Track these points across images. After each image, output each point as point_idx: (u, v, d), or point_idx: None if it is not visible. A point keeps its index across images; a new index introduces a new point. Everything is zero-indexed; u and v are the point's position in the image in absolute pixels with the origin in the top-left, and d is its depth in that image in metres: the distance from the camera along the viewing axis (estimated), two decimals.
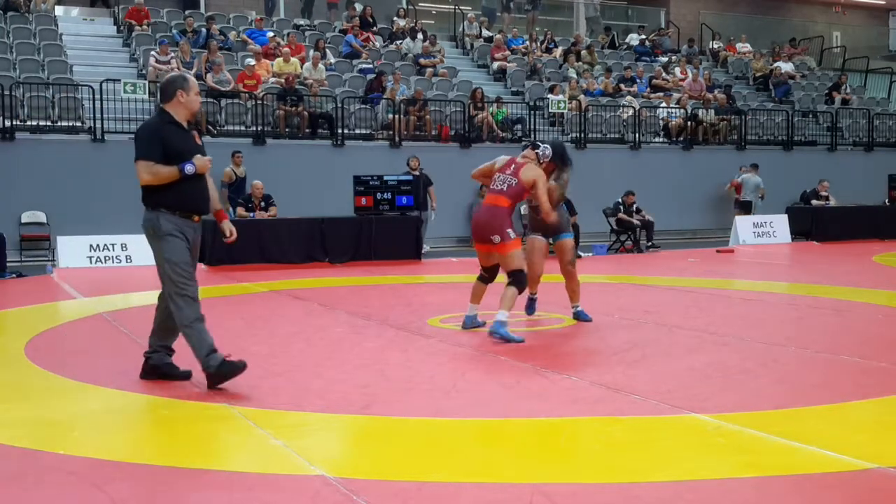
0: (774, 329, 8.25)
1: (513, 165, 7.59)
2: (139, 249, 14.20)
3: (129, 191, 15.16)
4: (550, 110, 20.21)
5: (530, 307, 8.58)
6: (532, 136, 19.45)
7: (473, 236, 7.70)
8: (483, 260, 7.75)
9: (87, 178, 15.48)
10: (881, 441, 4.51)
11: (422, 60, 21.15)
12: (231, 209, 14.94)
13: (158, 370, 5.88)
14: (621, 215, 16.87)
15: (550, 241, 8.34)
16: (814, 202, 19.69)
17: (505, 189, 7.47)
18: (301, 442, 4.46)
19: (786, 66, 25.39)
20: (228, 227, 6.35)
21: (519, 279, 7.35)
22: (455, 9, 24.27)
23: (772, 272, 13.79)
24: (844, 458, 4.15)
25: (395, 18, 23.15)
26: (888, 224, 19.73)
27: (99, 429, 4.95)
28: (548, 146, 7.91)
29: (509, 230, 7.35)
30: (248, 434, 4.72)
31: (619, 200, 17.05)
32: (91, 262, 13.85)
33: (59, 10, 21.10)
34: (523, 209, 8.10)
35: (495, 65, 22.30)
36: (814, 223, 19.02)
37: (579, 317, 8.34)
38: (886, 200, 21.24)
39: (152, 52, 17.91)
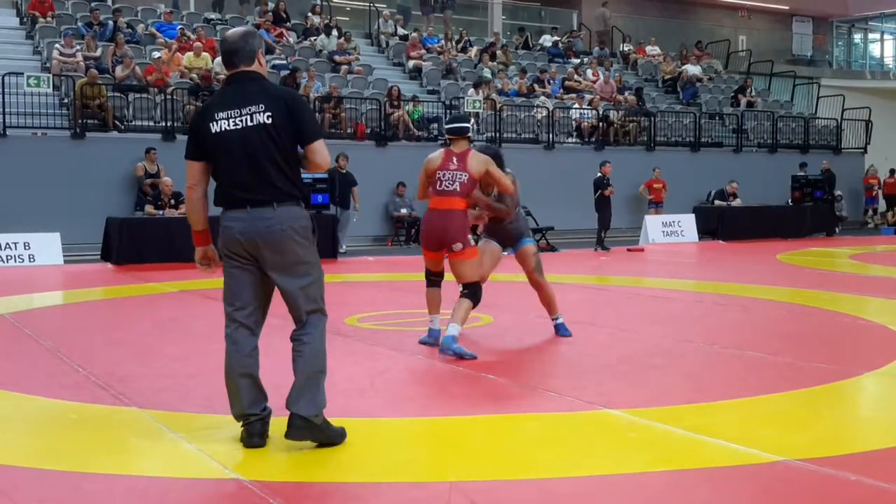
0: (683, 326, 8.45)
1: (454, 158, 6.70)
2: (42, 248, 13.81)
3: (32, 188, 14.97)
4: (466, 109, 20.29)
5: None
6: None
7: (426, 244, 6.84)
8: (433, 265, 6.99)
9: None
10: (787, 434, 4.65)
11: (336, 57, 21.01)
12: (141, 207, 14.64)
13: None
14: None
15: (506, 252, 7.48)
16: (717, 202, 20.24)
17: (458, 189, 6.63)
18: (215, 445, 4.38)
19: (693, 69, 26.03)
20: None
21: (475, 292, 6.72)
22: (370, 6, 24.18)
23: (680, 270, 14.12)
24: (752, 451, 4.27)
25: (308, 14, 22.94)
26: (791, 224, 20.44)
27: (5, 434, 4.77)
28: (466, 124, 6.92)
29: (470, 236, 6.72)
30: (160, 438, 4.62)
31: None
32: None
33: None
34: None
35: (411, 63, 22.29)
36: (720, 222, 19.56)
37: (558, 330, 7.52)
38: (789, 201, 21.99)
39: (57, 45, 17.37)
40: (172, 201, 14.30)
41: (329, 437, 4.25)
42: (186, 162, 4.33)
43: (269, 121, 4.17)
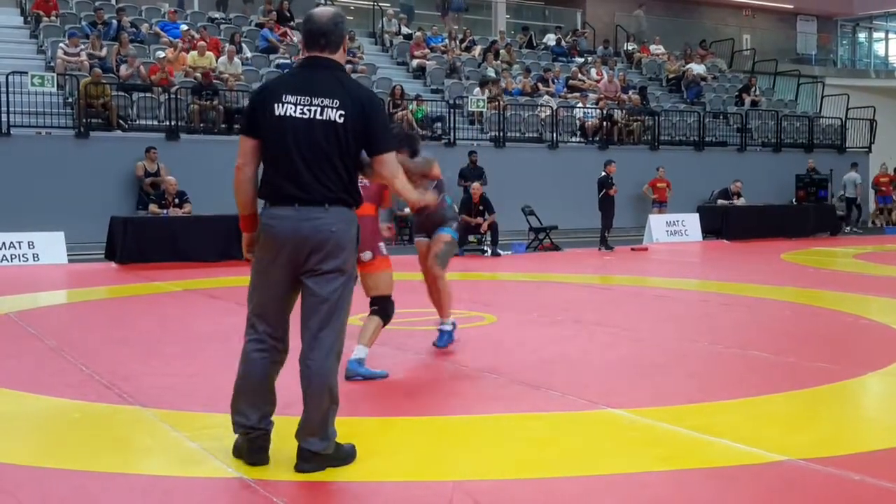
0: (686, 325, 8.44)
1: None
2: (46, 247, 13.83)
3: (36, 187, 15.00)
4: (469, 109, 20.30)
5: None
6: (452, 134, 19.50)
7: None
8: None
9: None
10: (791, 434, 4.64)
11: None
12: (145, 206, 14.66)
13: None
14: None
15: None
16: (720, 202, 20.21)
17: (365, 193, 5.83)
18: (219, 444, 4.38)
19: (697, 68, 26.01)
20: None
21: (385, 308, 6.05)
22: (374, 5, 24.18)
23: (684, 270, 14.11)
24: (756, 450, 4.27)
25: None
26: (795, 223, 20.40)
27: (7, 433, 4.77)
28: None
29: (381, 244, 6.01)
30: (164, 437, 4.62)
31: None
32: None
33: None
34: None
35: (414, 62, 22.29)
36: (724, 222, 19.53)
37: (440, 339, 6.77)
38: (794, 200, 21.96)
39: (61, 44, 17.41)
40: (176, 200, 14.31)
41: (340, 462, 4.01)
42: (240, 138, 3.96)
43: (341, 120, 3.82)
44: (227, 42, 19.55)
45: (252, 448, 4.01)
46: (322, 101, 3.82)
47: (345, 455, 4.06)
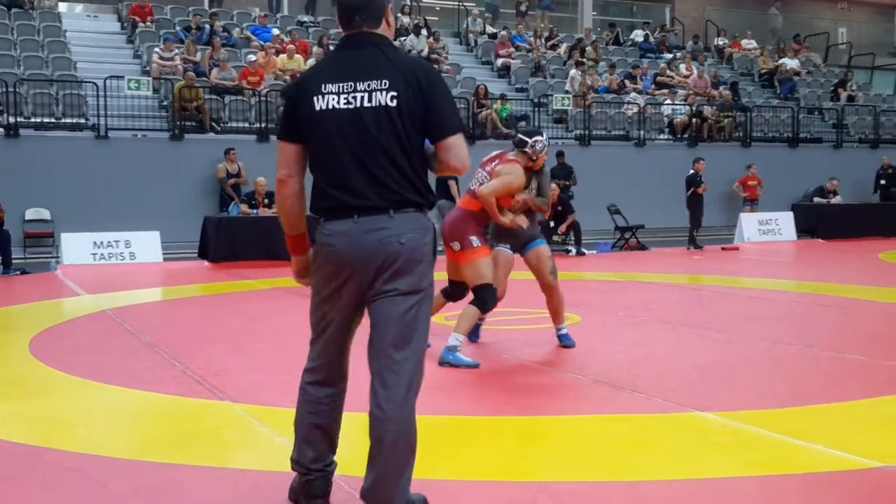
0: (779, 327, 8.22)
1: (496, 161, 6.42)
2: (142, 246, 14.26)
3: (132, 188, 15.46)
4: (555, 107, 20.17)
5: (475, 333, 6.96)
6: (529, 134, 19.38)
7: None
8: (450, 271, 6.50)
9: (91, 175, 15.46)
10: (887, 440, 4.49)
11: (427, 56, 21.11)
12: (236, 206, 14.98)
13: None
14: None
15: (520, 252, 6.79)
16: (816, 199, 19.64)
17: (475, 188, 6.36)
18: None
19: (791, 63, 25.33)
20: None
21: (482, 297, 6.19)
22: (459, 5, 24.23)
23: (777, 270, 13.75)
24: (850, 456, 4.13)
25: (398, 15, 23.12)
26: (893, 222, 19.67)
27: (102, 426, 4.94)
28: (526, 139, 6.47)
29: (472, 237, 6.19)
30: (253, 432, 4.71)
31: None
32: (95, 259, 13.85)
33: (62, 7, 21.14)
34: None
35: (499, 61, 22.26)
36: (819, 220, 18.97)
37: (563, 340, 6.92)
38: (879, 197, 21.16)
39: (156, 49, 17.92)
40: (266, 200, 14.59)
41: None
42: (279, 145, 3.31)
43: (394, 102, 3.13)
44: (316, 44, 19.84)
45: (308, 491, 3.45)
46: (369, 85, 3.15)
47: None
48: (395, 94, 3.14)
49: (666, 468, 4.08)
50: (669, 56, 24.71)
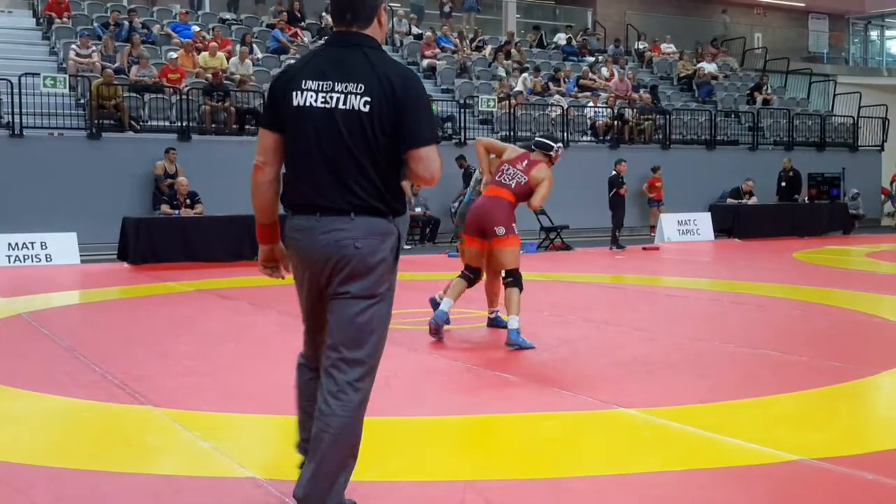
0: (698, 325, 8.42)
1: (525, 161, 7.20)
2: (59, 248, 13.90)
3: (49, 188, 15.06)
4: (480, 109, 20.28)
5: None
6: (462, 134, 19.49)
7: (468, 228, 7.23)
8: (472, 258, 7.30)
9: (6, 174, 15.00)
10: (803, 433, 4.63)
11: None
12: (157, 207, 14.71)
13: None
14: None
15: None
16: (729, 200, 20.15)
17: (513, 186, 7.12)
18: (230, 444, 4.40)
19: (709, 67, 25.92)
20: None
21: (518, 279, 7.05)
22: (385, 6, 24.17)
23: (695, 269, 14.07)
24: (768, 450, 4.25)
25: (323, 14, 22.96)
26: (807, 222, 20.32)
27: (20, 432, 4.80)
28: (553, 143, 7.39)
29: (514, 225, 7.09)
30: (175, 436, 4.64)
31: None
32: (10, 262, 13.48)
33: None
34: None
35: (425, 62, 22.29)
36: (736, 220, 19.48)
37: (499, 322, 7.65)
38: (805, 199, 21.87)
39: (73, 46, 17.47)
40: (188, 201, 14.36)
41: None
42: (260, 132, 3.33)
43: (367, 108, 3.12)
44: (239, 43, 19.60)
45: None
46: (346, 87, 3.16)
47: None
48: (368, 99, 3.14)
49: (590, 464, 4.15)
50: (591, 59, 25.07)
